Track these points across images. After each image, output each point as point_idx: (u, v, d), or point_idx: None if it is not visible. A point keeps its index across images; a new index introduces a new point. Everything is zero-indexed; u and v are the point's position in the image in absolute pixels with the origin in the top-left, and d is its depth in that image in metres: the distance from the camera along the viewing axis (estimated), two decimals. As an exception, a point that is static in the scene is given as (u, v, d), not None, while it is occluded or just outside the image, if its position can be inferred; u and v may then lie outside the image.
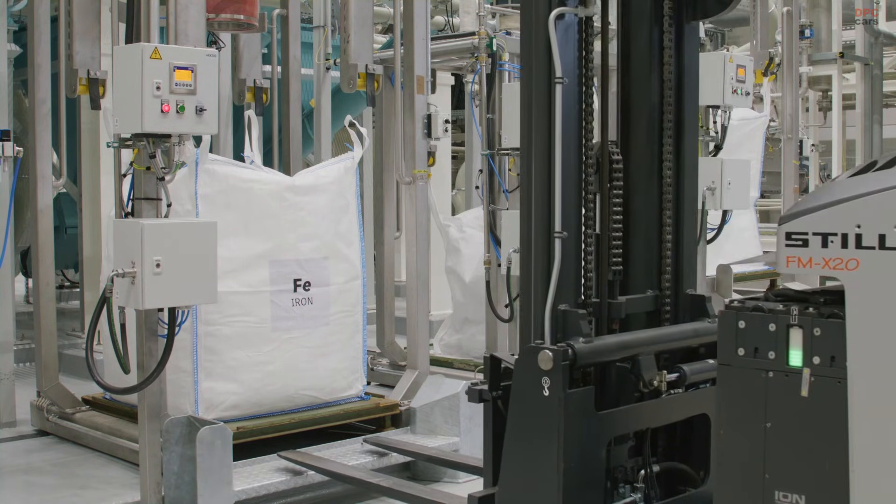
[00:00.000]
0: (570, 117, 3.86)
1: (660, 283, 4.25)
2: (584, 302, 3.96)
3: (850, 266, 2.76)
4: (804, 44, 13.28)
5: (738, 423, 3.04)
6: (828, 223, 2.80)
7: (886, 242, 2.71)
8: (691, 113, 4.32)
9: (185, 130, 4.75)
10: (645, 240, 4.25)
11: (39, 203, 6.38)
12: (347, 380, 6.19)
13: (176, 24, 5.04)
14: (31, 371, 7.14)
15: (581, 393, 3.74)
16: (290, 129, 7.21)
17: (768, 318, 2.99)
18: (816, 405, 2.86)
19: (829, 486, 2.83)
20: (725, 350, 3.08)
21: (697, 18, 4.30)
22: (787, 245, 2.87)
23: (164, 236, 4.61)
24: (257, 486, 5.15)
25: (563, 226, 3.80)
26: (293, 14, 7.29)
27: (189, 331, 5.47)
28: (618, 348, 3.95)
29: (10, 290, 6.95)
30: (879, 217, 2.71)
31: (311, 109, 7.86)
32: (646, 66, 4.25)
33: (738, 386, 3.04)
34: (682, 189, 4.30)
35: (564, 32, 3.84)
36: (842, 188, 2.87)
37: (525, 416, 3.74)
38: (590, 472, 3.77)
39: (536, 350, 3.70)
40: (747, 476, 3.01)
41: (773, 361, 2.96)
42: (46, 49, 6.45)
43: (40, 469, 5.77)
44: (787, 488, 2.93)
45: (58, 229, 7.19)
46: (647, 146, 4.27)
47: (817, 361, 2.87)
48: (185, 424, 4.83)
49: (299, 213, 5.94)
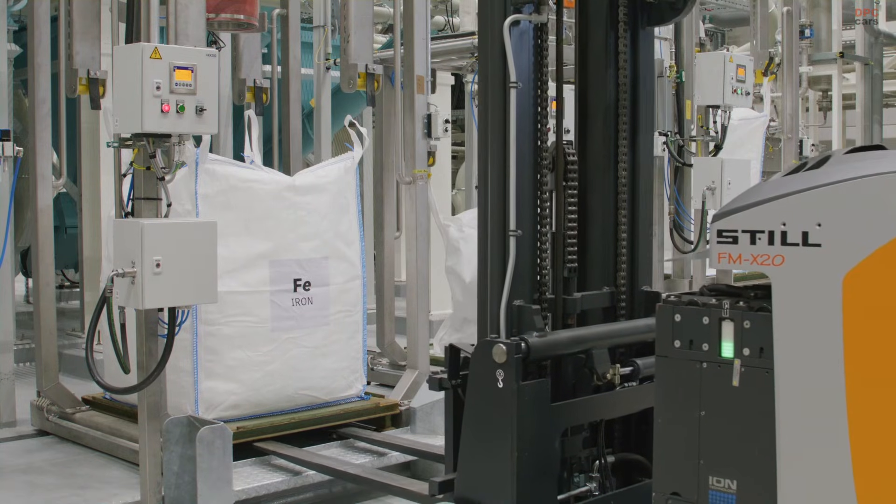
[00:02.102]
0: (524, 120, 4.01)
1: (616, 280, 4.38)
2: (540, 298, 4.10)
3: (777, 262, 2.87)
4: (804, 44, 13.28)
5: (675, 411, 3.17)
6: (756, 221, 2.91)
7: (809, 239, 2.82)
8: (646, 114, 4.46)
9: (185, 130, 4.75)
10: (601, 238, 4.39)
11: (39, 203, 6.38)
12: (347, 380, 6.19)
13: (176, 24, 5.04)
14: (31, 371, 7.14)
15: (534, 385, 3.88)
16: (290, 129, 7.21)
17: (702, 312, 3.11)
18: (746, 394, 2.99)
19: (758, 470, 2.94)
20: (663, 342, 3.21)
21: (652, 24, 4.44)
22: (719, 242, 2.98)
23: (164, 236, 4.61)
24: (257, 486, 5.16)
25: (517, 224, 3.94)
26: (293, 14, 7.29)
27: (189, 331, 5.47)
28: (571, 343, 4.10)
29: (10, 290, 6.94)
30: (803, 215, 2.83)
31: (311, 109, 7.85)
32: (602, 70, 4.40)
33: (675, 376, 3.17)
34: (637, 188, 4.43)
35: (519, 38, 3.99)
36: (771, 187, 2.98)
37: (480, 407, 3.90)
38: (543, 461, 3.91)
39: (491, 344, 3.86)
40: (684, 462, 3.14)
41: (707, 353, 3.09)
42: (46, 49, 6.45)
43: (40, 469, 5.77)
44: (720, 473, 3.05)
45: (58, 229, 7.18)
46: (602, 147, 4.40)
47: (747, 353, 3.00)
48: (185, 424, 4.83)
49: (299, 213, 5.94)
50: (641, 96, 4.43)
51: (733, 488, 3.04)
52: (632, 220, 4.41)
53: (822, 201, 2.81)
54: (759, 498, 2.95)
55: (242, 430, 5.55)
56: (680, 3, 4.32)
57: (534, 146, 4.07)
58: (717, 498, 3.07)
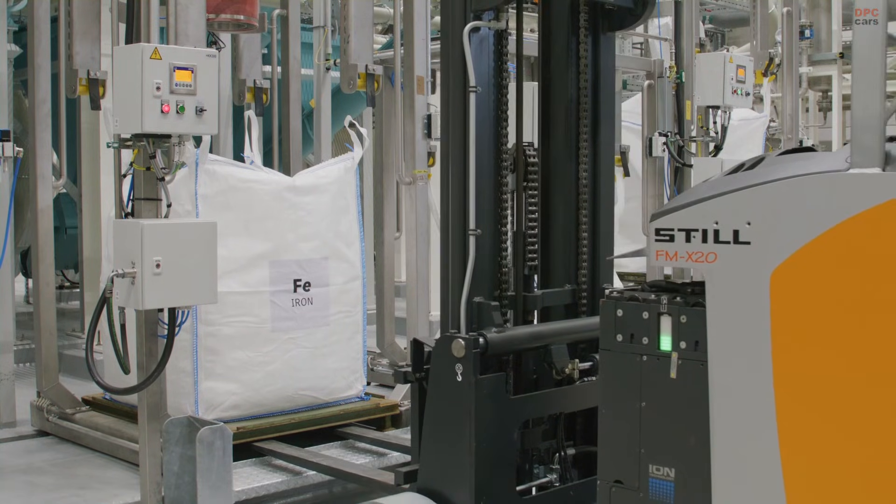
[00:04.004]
0: (484, 123, 4.12)
1: (577, 278, 4.51)
2: (500, 295, 4.22)
3: (710, 259, 2.99)
4: (804, 44, 13.28)
5: (618, 402, 3.30)
6: (690, 220, 3.03)
7: (740, 237, 2.93)
8: (607, 117, 4.59)
9: (185, 131, 4.75)
10: (563, 237, 4.53)
11: (39, 203, 6.38)
12: (347, 380, 6.19)
13: (176, 24, 5.04)
14: (31, 371, 7.14)
15: (492, 379, 4.01)
16: (290, 129, 7.21)
17: (642, 307, 3.24)
18: (683, 386, 3.11)
19: (694, 458, 3.06)
20: (606, 336, 3.34)
21: (613, 30, 4.57)
22: (657, 240, 3.11)
23: (164, 236, 4.61)
24: (257, 486, 5.16)
25: (477, 224, 4.05)
26: (293, 14, 7.29)
27: (189, 331, 5.47)
28: (529, 338, 4.24)
29: (10, 290, 6.94)
30: (734, 214, 2.95)
31: (311, 109, 7.85)
32: (563, 74, 4.52)
33: (617, 369, 3.31)
34: (598, 189, 4.56)
35: (479, 44, 4.10)
36: (708, 188, 3.10)
37: (441, 400, 4.04)
38: (502, 452, 4.04)
39: (451, 339, 3.99)
40: (626, 451, 3.26)
41: (647, 346, 3.22)
42: (46, 49, 6.45)
43: (40, 469, 5.77)
44: (659, 462, 3.18)
45: (58, 229, 7.18)
46: (564, 149, 4.54)
47: (684, 346, 3.13)
48: (185, 424, 4.83)
49: (299, 214, 5.94)
50: (602, 99, 4.56)
51: (671, 476, 3.16)
52: (593, 220, 4.55)
53: (752, 201, 2.93)
54: (695, 485, 3.06)
55: (242, 430, 5.55)
56: (639, 9, 4.47)
57: (495, 148, 4.20)
58: (656, 485, 3.20)
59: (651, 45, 10.10)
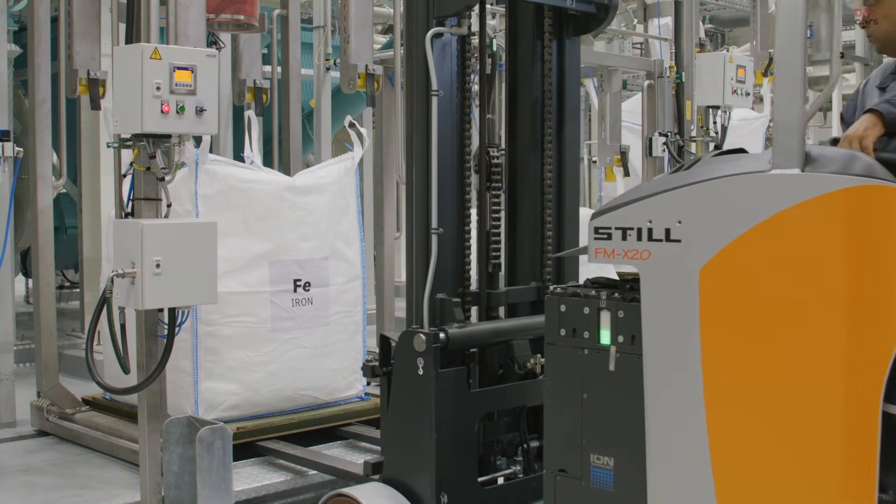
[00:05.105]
0: (447, 125, 4.24)
1: (542, 275, 4.62)
2: (464, 292, 4.34)
3: (644, 256, 3.12)
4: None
5: (561, 395, 3.43)
6: (626, 219, 3.17)
7: (671, 235, 3.07)
8: (572, 118, 4.70)
9: (185, 131, 4.75)
10: (529, 236, 4.66)
11: (39, 203, 6.38)
12: (347, 380, 6.19)
13: (176, 24, 5.04)
14: (31, 371, 7.14)
15: (453, 372, 4.13)
16: (290, 129, 7.20)
17: (583, 303, 3.38)
18: (621, 378, 3.25)
19: (632, 447, 3.19)
20: (551, 331, 3.46)
21: (578, 34, 4.69)
22: (595, 238, 3.24)
23: (164, 236, 4.61)
24: (257, 487, 5.16)
25: (439, 223, 4.18)
26: (293, 14, 7.28)
27: (189, 331, 5.47)
28: (491, 334, 4.37)
29: (10, 290, 6.94)
30: (666, 213, 3.08)
31: (311, 109, 7.85)
32: (529, 77, 4.65)
33: (561, 362, 3.43)
34: (563, 190, 4.67)
35: (441, 50, 4.21)
36: (645, 188, 3.25)
37: (404, 392, 4.18)
38: (463, 444, 4.17)
39: (412, 333, 4.13)
40: (569, 440, 3.40)
41: (588, 340, 3.36)
42: (46, 49, 6.45)
43: (40, 469, 5.77)
44: (599, 451, 3.32)
45: (58, 229, 7.19)
46: (530, 149, 4.66)
47: (621, 340, 3.26)
48: (185, 424, 4.83)
49: (299, 214, 5.94)
50: (567, 101, 4.66)
51: (611, 465, 3.30)
52: (558, 218, 4.65)
53: (682, 201, 3.06)
54: (633, 472, 3.19)
55: (242, 430, 5.55)
56: (601, 14, 4.59)
57: (458, 150, 4.31)
58: (597, 474, 3.34)
59: (651, 45, 10.09)
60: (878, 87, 3.81)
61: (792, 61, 2.95)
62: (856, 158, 3.00)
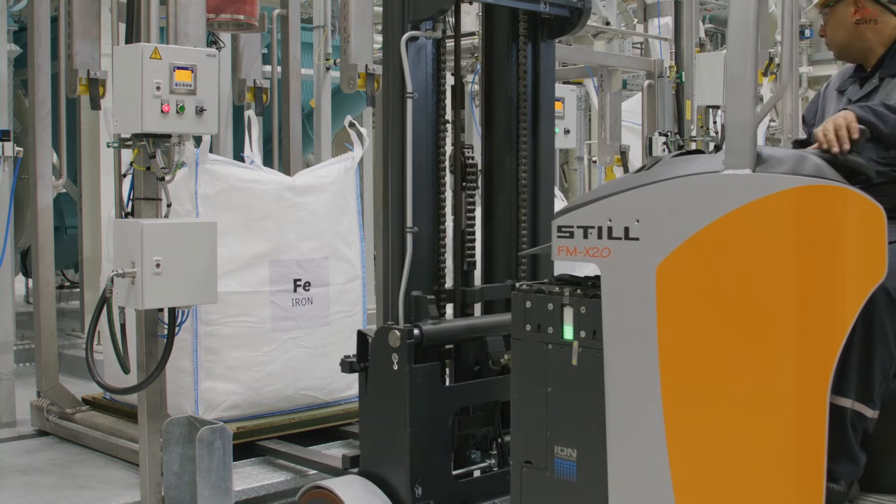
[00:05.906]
0: (422, 127, 4.32)
1: (517, 273, 4.69)
2: (439, 289, 4.41)
3: (604, 254, 3.21)
4: (804, 44, 13.29)
5: (527, 388, 3.51)
6: (588, 218, 3.26)
7: (630, 234, 3.15)
8: (546, 120, 4.76)
9: (185, 130, 4.75)
10: (505, 235, 4.73)
11: (39, 203, 6.38)
12: (347, 380, 6.18)
13: (176, 24, 5.04)
14: (31, 371, 7.14)
15: (427, 368, 4.21)
16: (290, 129, 7.21)
17: (547, 299, 3.45)
18: (583, 372, 3.33)
19: (593, 440, 3.29)
20: (517, 326, 3.54)
21: (553, 37, 4.76)
22: (558, 237, 3.34)
23: (164, 236, 4.61)
24: (257, 487, 5.16)
25: (414, 222, 4.23)
26: (293, 14, 7.29)
27: (189, 331, 5.47)
28: (464, 330, 4.44)
29: (10, 290, 6.94)
30: (625, 212, 3.17)
31: (311, 109, 7.85)
32: (505, 80, 4.72)
33: (527, 357, 3.51)
34: (538, 191, 4.74)
35: (416, 53, 4.29)
36: (607, 187, 3.35)
37: (379, 387, 4.26)
38: (437, 438, 4.25)
39: (387, 330, 4.20)
40: (534, 433, 3.48)
41: (552, 336, 3.43)
42: (46, 49, 6.45)
43: (40, 469, 5.77)
44: (563, 443, 3.40)
45: (58, 229, 7.18)
46: (505, 149, 4.74)
47: (584, 335, 3.34)
48: (185, 424, 4.84)
49: (299, 213, 5.94)
50: (542, 102, 4.72)
51: (574, 456, 3.38)
52: (533, 217, 4.71)
53: (640, 200, 3.16)
54: (594, 463, 3.28)
55: (242, 430, 5.55)
56: (574, 18, 4.67)
57: (433, 151, 4.39)
58: (560, 465, 3.42)
59: (651, 45, 10.09)
60: (837, 90, 3.98)
61: (743, 64, 3.01)
62: (805, 159, 3.09)
